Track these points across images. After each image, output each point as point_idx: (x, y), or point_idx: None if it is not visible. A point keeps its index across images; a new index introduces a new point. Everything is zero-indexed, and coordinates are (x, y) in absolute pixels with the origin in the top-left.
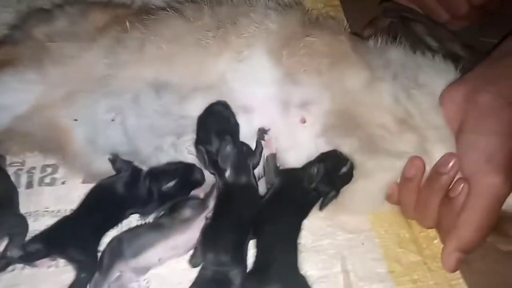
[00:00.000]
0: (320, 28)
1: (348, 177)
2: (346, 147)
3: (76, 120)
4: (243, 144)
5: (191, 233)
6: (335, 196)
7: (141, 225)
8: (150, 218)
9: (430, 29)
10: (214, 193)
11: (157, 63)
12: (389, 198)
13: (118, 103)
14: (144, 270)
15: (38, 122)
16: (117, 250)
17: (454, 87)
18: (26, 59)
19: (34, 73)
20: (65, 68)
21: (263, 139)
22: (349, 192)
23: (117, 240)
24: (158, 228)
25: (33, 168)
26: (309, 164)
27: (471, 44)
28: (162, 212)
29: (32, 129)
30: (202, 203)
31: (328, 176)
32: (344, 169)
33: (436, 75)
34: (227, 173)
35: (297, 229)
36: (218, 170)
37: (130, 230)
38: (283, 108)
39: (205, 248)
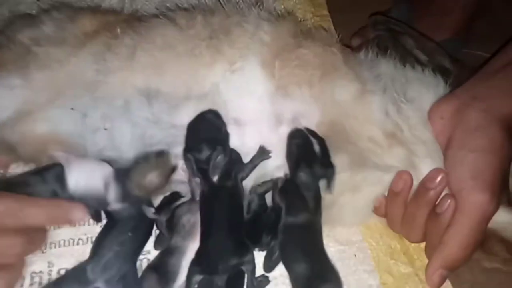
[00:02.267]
0: (312, 39)
1: (324, 147)
2: (336, 159)
3: (72, 109)
4: (232, 151)
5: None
6: (334, 171)
7: (161, 255)
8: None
9: (419, 42)
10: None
11: (149, 71)
12: (376, 210)
13: (107, 110)
14: None
15: (21, 129)
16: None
17: (442, 102)
18: (10, 64)
19: (19, 78)
20: (51, 73)
21: (263, 158)
22: (337, 205)
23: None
24: (175, 251)
25: None
26: (294, 172)
27: (459, 58)
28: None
29: (15, 137)
30: (191, 202)
31: (314, 164)
32: (316, 146)
33: (425, 90)
34: (215, 178)
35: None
36: (204, 175)
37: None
38: (275, 123)
39: (211, 260)
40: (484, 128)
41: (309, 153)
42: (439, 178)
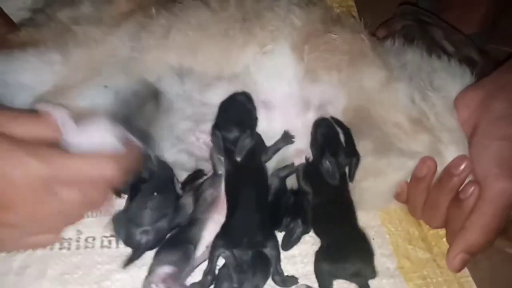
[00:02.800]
0: (341, 26)
1: (349, 137)
2: (360, 146)
3: (106, 86)
4: (258, 135)
5: (222, 209)
6: (358, 160)
7: (181, 227)
8: None
9: (447, 34)
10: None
11: (182, 50)
12: (397, 196)
13: (138, 85)
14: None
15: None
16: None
17: (469, 92)
18: (49, 41)
19: (57, 54)
20: (89, 51)
21: (287, 143)
22: (358, 189)
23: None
24: (196, 222)
25: None
26: (319, 161)
27: (486, 50)
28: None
29: None
30: (213, 176)
31: (339, 153)
32: (341, 136)
33: (452, 79)
34: (238, 159)
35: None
36: (229, 155)
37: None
38: (302, 108)
39: (236, 233)
40: (509, 117)
41: (334, 142)
42: (463, 165)
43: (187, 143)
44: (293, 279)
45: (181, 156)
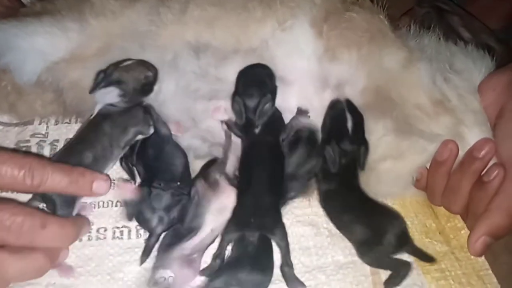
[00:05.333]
0: (360, 6)
1: (359, 124)
2: (380, 127)
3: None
4: (277, 110)
5: (224, 192)
6: (367, 149)
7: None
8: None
9: (465, 21)
10: (230, 147)
11: (200, 25)
12: (417, 183)
13: (155, 62)
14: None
15: (71, 73)
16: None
17: (495, 75)
18: (64, 11)
19: (74, 22)
20: (105, 22)
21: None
22: (376, 173)
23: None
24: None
25: (57, 140)
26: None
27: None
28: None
29: (65, 80)
30: (220, 161)
31: (344, 140)
32: (350, 123)
33: (472, 62)
34: (257, 130)
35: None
36: (248, 125)
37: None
38: (320, 87)
39: (245, 214)
40: None
41: (340, 129)
42: (487, 148)
43: (201, 127)
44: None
45: (194, 141)
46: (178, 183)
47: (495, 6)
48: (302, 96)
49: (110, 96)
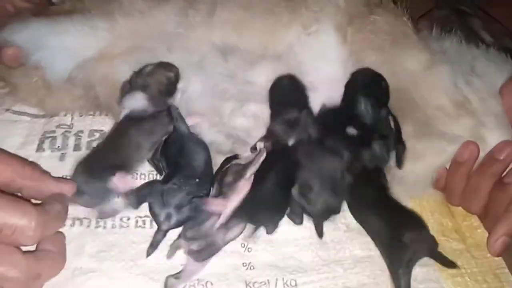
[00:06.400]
0: (383, 8)
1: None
2: (402, 128)
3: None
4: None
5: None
6: (404, 147)
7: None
8: None
9: (485, 24)
10: (255, 161)
11: (227, 28)
12: (436, 183)
13: (182, 63)
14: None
15: (101, 70)
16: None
17: None
18: (94, 9)
19: (103, 21)
20: (134, 22)
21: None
22: (397, 173)
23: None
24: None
25: (81, 131)
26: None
27: None
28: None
29: (96, 76)
30: (242, 169)
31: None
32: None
33: (494, 66)
34: (290, 142)
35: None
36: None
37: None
38: None
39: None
40: None
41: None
42: (508, 150)
43: (228, 124)
44: None
45: (219, 136)
46: (197, 180)
47: None
48: (328, 101)
49: (137, 101)
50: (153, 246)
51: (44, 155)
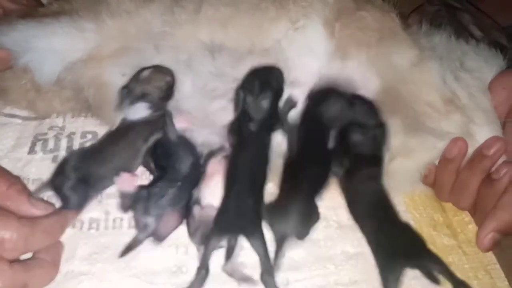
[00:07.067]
0: (371, 4)
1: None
2: (391, 125)
3: (124, 75)
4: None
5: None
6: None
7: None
8: None
9: (475, 19)
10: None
11: (214, 25)
12: (425, 179)
13: (170, 63)
14: None
15: (90, 72)
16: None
17: (506, 74)
18: (81, 11)
19: (90, 22)
20: (121, 22)
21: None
22: (387, 169)
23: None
24: None
25: (73, 133)
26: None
27: None
28: None
29: (84, 79)
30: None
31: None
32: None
33: (483, 61)
34: (252, 125)
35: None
36: (244, 120)
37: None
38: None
39: (227, 218)
40: None
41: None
42: (497, 146)
43: (218, 124)
44: None
45: (211, 137)
46: (179, 183)
47: (505, 3)
48: None
49: (140, 111)
50: (126, 250)
51: (36, 157)
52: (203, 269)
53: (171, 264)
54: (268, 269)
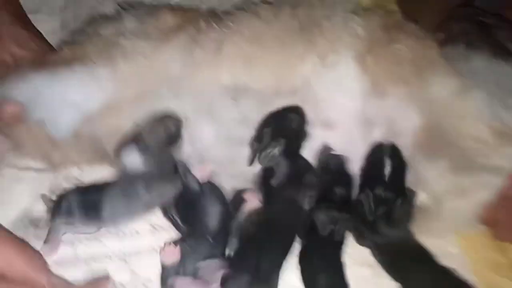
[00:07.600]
0: (404, 33)
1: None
2: (437, 165)
3: (138, 126)
4: (301, 157)
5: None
6: (406, 202)
7: None
8: None
9: (510, 34)
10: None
11: (236, 65)
12: (484, 219)
13: (190, 109)
14: None
15: (108, 122)
16: None
17: None
18: (94, 56)
19: (105, 69)
20: (137, 66)
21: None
22: (437, 210)
23: None
24: None
25: None
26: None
27: None
28: None
29: (102, 130)
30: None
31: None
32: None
33: None
34: (273, 181)
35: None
36: (266, 174)
37: None
38: (366, 128)
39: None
40: None
41: (376, 175)
42: None
43: (248, 172)
44: None
45: (240, 185)
46: (210, 239)
47: None
48: (346, 140)
49: (132, 155)
50: None
51: None
52: None
53: None
54: None
